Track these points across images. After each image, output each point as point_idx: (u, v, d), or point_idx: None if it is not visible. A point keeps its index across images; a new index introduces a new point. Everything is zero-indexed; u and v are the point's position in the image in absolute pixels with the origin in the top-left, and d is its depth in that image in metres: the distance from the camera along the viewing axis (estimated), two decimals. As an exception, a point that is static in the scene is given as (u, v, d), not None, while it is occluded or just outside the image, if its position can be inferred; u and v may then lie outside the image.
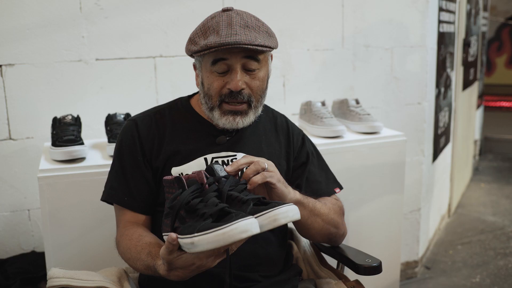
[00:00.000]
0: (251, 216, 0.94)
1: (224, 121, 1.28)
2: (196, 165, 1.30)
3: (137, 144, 1.32)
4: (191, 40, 1.27)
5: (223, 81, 1.25)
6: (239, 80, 1.23)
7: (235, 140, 1.35)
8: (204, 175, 1.09)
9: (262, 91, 1.30)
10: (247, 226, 0.91)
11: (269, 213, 0.99)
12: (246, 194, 1.08)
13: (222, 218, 0.97)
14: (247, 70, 1.25)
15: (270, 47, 1.25)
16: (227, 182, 1.10)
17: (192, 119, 1.37)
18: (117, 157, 1.34)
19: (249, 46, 1.19)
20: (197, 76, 1.35)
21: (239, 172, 1.20)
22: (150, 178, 1.31)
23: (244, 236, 0.91)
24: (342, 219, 1.41)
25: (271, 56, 1.34)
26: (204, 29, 1.25)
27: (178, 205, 1.03)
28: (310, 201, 1.29)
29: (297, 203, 1.19)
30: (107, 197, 1.34)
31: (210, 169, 1.14)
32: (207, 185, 1.07)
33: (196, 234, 0.93)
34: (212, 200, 1.02)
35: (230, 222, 0.91)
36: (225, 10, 1.27)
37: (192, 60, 1.36)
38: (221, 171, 1.13)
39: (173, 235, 0.97)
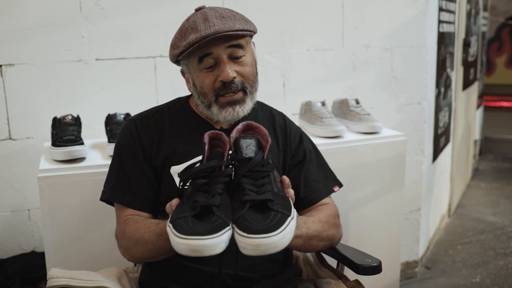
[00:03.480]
0: (223, 231, 0.88)
1: (224, 115, 1.29)
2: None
3: (137, 144, 1.32)
4: (173, 46, 1.30)
5: (213, 76, 1.27)
6: (228, 69, 1.25)
7: (234, 139, 1.35)
8: (228, 151, 1.04)
9: (253, 76, 1.31)
10: (200, 248, 0.85)
11: (251, 239, 0.87)
12: (259, 186, 0.99)
13: (206, 213, 0.94)
14: (233, 59, 1.27)
15: (249, 31, 1.27)
16: (247, 165, 1.01)
17: (190, 118, 1.37)
18: (117, 156, 1.34)
19: (229, 33, 1.21)
20: (187, 81, 1.36)
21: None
22: (151, 177, 1.31)
23: (194, 255, 0.86)
24: (337, 226, 1.36)
25: (253, 43, 1.35)
26: (183, 31, 1.28)
27: (186, 175, 1.04)
28: (303, 231, 1.19)
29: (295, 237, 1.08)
30: (108, 197, 1.33)
31: (236, 143, 1.05)
32: (224, 166, 1.01)
33: (169, 226, 0.92)
34: (215, 187, 0.98)
35: (196, 233, 0.85)
36: (197, 10, 1.30)
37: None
38: (247, 148, 1.03)
39: (173, 202, 1.06)
